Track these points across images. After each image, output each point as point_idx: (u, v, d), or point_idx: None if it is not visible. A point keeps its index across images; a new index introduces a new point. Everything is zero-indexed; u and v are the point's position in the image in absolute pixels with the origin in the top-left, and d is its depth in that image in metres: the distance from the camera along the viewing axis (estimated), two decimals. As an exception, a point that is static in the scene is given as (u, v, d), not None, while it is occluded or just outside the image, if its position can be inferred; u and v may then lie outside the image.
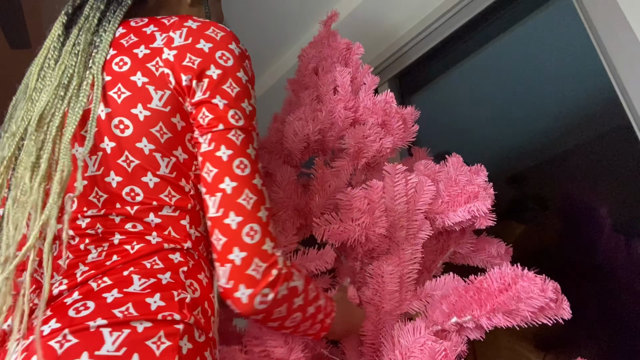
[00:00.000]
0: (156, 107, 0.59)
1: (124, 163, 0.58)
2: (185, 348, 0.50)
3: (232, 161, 0.59)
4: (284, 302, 0.59)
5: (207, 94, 0.59)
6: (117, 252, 0.56)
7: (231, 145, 0.59)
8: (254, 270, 0.56)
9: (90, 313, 0.48)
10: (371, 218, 0.77)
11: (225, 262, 0.56)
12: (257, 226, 0.57)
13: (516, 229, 1.17)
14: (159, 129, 0.59)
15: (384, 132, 0.91)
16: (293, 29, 1.60)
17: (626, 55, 0.99)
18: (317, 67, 1.08)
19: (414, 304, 0.80)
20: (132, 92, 0.59)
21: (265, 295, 0.56)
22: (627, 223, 1.00)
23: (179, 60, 0.60)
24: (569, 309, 0.67)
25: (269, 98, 1.77)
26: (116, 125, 0.59)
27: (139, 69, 0.60)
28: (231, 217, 0.57)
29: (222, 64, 0.61)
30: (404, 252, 0.81)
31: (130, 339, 0.47)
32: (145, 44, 0.62)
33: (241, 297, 0.56)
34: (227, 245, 0.56)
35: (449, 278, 0.80)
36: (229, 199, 0.57)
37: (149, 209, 0.59)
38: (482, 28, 1.36)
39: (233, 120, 0.60)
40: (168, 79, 0.60)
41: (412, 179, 0.82)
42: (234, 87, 0.61)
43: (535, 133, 1.19)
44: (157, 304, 0.51)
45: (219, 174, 0.58)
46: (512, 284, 0.68)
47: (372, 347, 0.78)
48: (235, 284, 0.56)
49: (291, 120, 0.94)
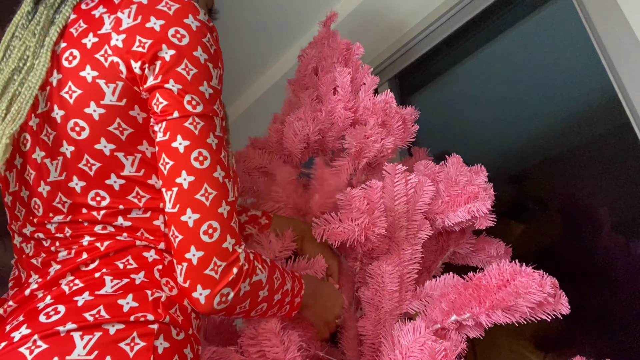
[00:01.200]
0: (110, 103, 0.54)
1: (85, 167, 0.55)
2: (162, 347, 0.49)
3: (189, 153, 0.54)
4: (247, 298, 0.57)
5: (158, 78, 0.54)
6: (86, 250, 0.55)
7: (188, 134, 0.54)
8: (212, 270, 0.53)
9: (60, 317, 0.47)
10: (370, 218, 0.78)
11: (181, 260, 0.53)
12: (216, 223, 0.54)
13: (516, 229, 1.17)
14: (117, 126, 0.55)
15: (385, 133, 0.92)
16: (293, 29, 1.60)
17: (626, 55, 0.99)
18: (317, 67, 1.08)
19: (413, 303, 0.80)
20: (83, 90, 0.54)
21: (226, 295, 0.54)
22: (627, 223, 1.00)
23: (128, 45, 0.54)
24: (567, 304, 0.67)
25: (269, 98, 1.77)
26: (72, 128, 0.54)
27: (87, 62, 0.55)
28: (188, 214, 0.53)
29: (175, 42, 0.54)
30: (404, 252, 0.81)
31: (102, 342, 0.46)
32: (93, 30, 0.56)
33: (199, 297, 0.54)
34: (183, 244, 0.53)
35: (448, 278, 0.80)
36: (186, 194, 0.53)
37: (117, 212, 0.56)
38: (482, 28, 1.36)
39: (190, 107, 0.54)
40: (118, 68, 0.54)
41: (411, 179, 0.82)
42: (190, 68, 0.54)
43: (535, 133, 1.19)
44: (130, 305, 0.50)
45: (175, 167, 0.54)
46: (510, 280, 0.69)
47: (372, 347, 0.78)
48: (192, 284, 0.53)
49: (291, 121, 0.94)
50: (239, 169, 0.99)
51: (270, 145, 1.00)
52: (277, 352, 0.66)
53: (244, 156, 1.00)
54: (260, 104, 1.82)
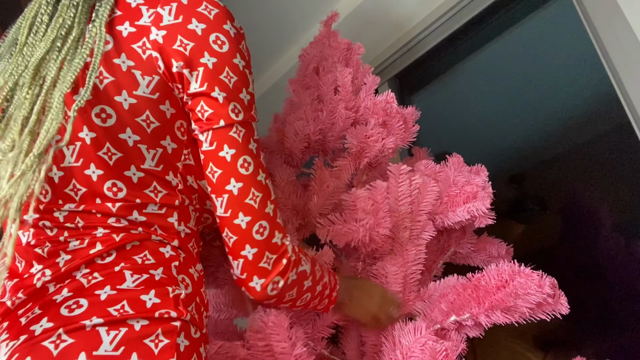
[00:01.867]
0: (143, 95, 0.54)
1: (104, 155, 0.54)
2: (183, 345, 0.49)
3: (235, 161, 0.58)
4: (294, 286, 0.62)
5: (204, 86, 0.55)
6: (100, 241, 0.53)
7: (233, 143, 0.57)
8: (265, 262, 0.59)
9: (84, 311, 0.47)
10: (375, 219, 0.78)
11: (238, 257, 0.59)
12: (266, 223, 0.59)
13: (516, 229, 1.17)
14: (146, 118, 0.55)
15: (386, 132, 0.92)
16: (293, 28, 1.60)
17: (626, 55, 0.99)
18: (318, 67, 1.08)
19: (417, 304, 0.80)
20: (115, 77, 0.53)
21: (277, 282, 0.60)
22: (627, 223, 1.00)
23: (169, 43, 0.54)
24: (566, 304, 0.67)
25: (270, 98, 1.77)
26: (97, 114, 0.53)
27: (123, 50, 0.54)
28: (240, 217, 0.58)
29: (217, 50, 0.56)
30: (407, 252, 0.81)
31: (128, 338, 0.46)
32: (129, 19, 0.55)
33: (255, 286, 0.59)
34: (238, 243, 0.58)
35: (452, 279, 0.80)
36: (236, 200, 0.58)
37: (132, 206, 0.55)
38: (482, 28, 1.36)
39: (233, 115, 0.57)
40: (157, 63, 0.54)
41: (416, 179, 0.82)
42: (232, 76, 0.57)
43: (535, 133, 1.19)
44: (153, 301, 0.50)
45: (224, 175, 0.57)
46: (509, 281, 0.69)
47: (375, 347, 0.78)
48: (249, 275, 0.59)
49: (292, 120, 0.94)
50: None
51: (271, 145, 1.00)
52: (285, 347, 0.66)
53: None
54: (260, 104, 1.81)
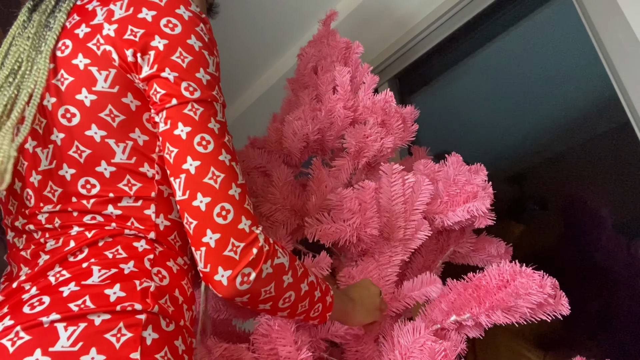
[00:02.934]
0: (102, 90, 0.55)
1: (75, 154, 0.55)
2: (150, 338, 0.48)
3: (192, 139, 0.54)
4: (271, 281, 0.56)
5: (154, 68, 0.54)
6: (74, 239, 0.54)
7: (188, 121, 0.54)
8: (231, 250, 0.53)
9: (44, 308, 0.46)
10: (363, 218, 0.77)
11: (199, 245, 0.53)
12: (229, 205, 0.54)
13: (516, 229, 1.17)
14: (109, 113, 0.55)
15: (384, 132, 0.91)
16: (293, 28, 1.60)
17: (626, 55, 0.99)
18: (317, 66, 1.08)
19: (393, 305, 0.79)
20: (74, 77, 0.55)
21: (247, 274, 0.53)
22: (627, 223, 1.00)
23: (120, 34, 0.55)
24: (567, 305, 0.67)
25: (269, 98, 1.77)
26: (63, 115, 0.55)
27: (80, 51, 0.56)
28: (199, 198, 0.53)
29: (168, 32, 0.55)
30: (382, 255, 0.80)
31: (87, 333, 0.45)
32: (86, 21, 0.57)
33: (221, 279, 0.53)
34: (198, 228, 0.53)
35: (425, 277, 0.79)
36: (194, 179, 0.53)
37: (107, 201, 0.55)
38: (482, 28, 1.36)
39: (187, 93, 0.54)
40: (111, 56, 0.55)
41: (409, 178, 0.82)
42: (185, 56, 0.55)
43: (535, 133, 1.19)
44: (117, 295, 0.49)
45: (180, 154, 0.54)
46: (510, 281, 0.68)
47: (357, 354, 0.77)
48: (213, 266, 0.53)
49: (290, 120, 0.94)
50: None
51: (269, 145, 1.00)
52: (290, 352, 0.65)
53: (243, 156, 1.00)
54: (260, 104, 1.81)
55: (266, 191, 0.92)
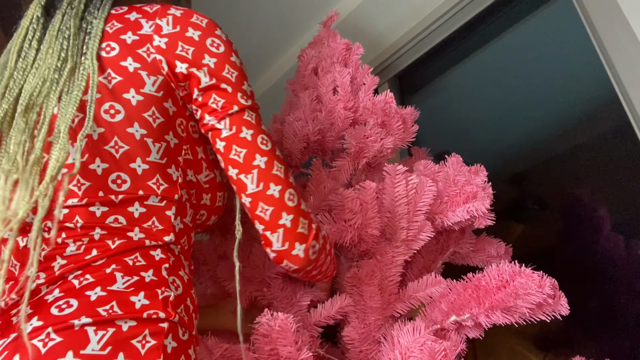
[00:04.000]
0: (149, 92, 0.60)
1: (111, 149, 0.57)
2: (170, 347, 0.50)
3: (255, 139, 0.62)
4: (323, 250, 0.67)
5: (213, 80, 0.61)
6: (96, 247, 0.55)
7: (249, 125, 0.63)
8: (302, 227, 0.63)
9: (73, 311, 0.47)
10: (364, 219, 0.77)
11: (276, 227, 0.61)
12: (293, 190, 0.63)
13: (516, 229, 1.17)
14: (152, 114, 0.60)
15: (384, 133, 0.91)
16: (293, 29, 1.60)
17: (626, 55, 0.99)
18: (317, 67, 1.08)
19: (397, 306, 0.79)
20: (123, 77, 0.59)
21: (314, 246, 0.64)
22: (627, 223, 1.00)
23: (172, 49, 0.61)
24: (566, 305, 0.67)
25: (269, 98, 1.77)
26: (106, 111, 0.58)
27: (129, 55, 0.60)
28: (272, 187, 0.61)
29: (214, 51, 0.63)
30: (384, 255, 0.81)
31: (115, 338, 0.47)
32: (132, 30, 0.62)
33: (299, 253, 0.62)
34: (275, 213, 0.61)
35: (430, 278, 0.80)
36: (265, 172, 0.62)
37: (135, 198, 0.58)
38: (481, 28, 1.36)
39: (243, 101, 0.63)
40: (161, 65, 0.61)
41: (412, 179, 0.82)
42: (232, 71, 0.63)
43: (535, 133, 1.19)
44: (142, 303, 0.50)
45: (249, 153, 0.62)
46: (509, 281, 0.69)
47: (361, 354, 0.77)
48: (291, 243, 0.62)
49: (291, 121, 0.94)
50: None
51: (270, 145, 1.00)
52: (291, 352, 0.66)
53: (243, 156, 1.00)
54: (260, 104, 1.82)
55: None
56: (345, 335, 0.78)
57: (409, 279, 0.86)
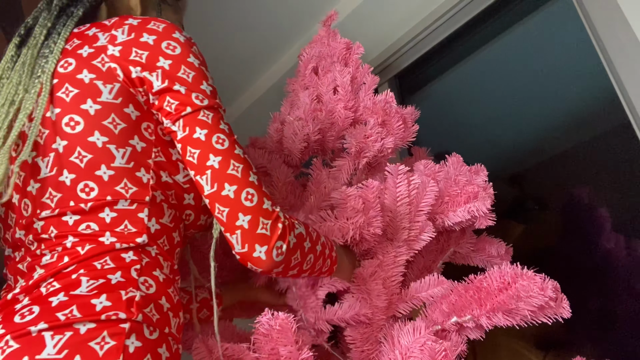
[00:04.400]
0: (107, 100, 0.60)
1: (76, 160, 0.59)
2: (133, 346, 0.50)
3: (210, 139, 0.61)
4: (297, 249, 0.64)
5: (165, 82, 0.61)
6: (68, 254, 0.56)
7: (204, 125, 0.61)
8: (263, 228, 0.60)
9: (33, 317, 0.48)
10: (366, 217, 0.77)
11: (234, 229, 0.60)
12: (252, 190, 0.61)
13: (516, 229, 1.17)
14: (112, 121, 0.60)
15: (385, 132, 0.91)
16: (293, 29, 1.60)
17: (626, 55, 0.99)
18: (317, 67, 1.08)
19: (400, 306, 0.79)
20: (80, 89, 0.60)
21: (280, 247, 0.61)
22: (627, 223, 1.00)
23: (126, 55, 0.62)
24: (568, 308, 0.67)
25: (269, 98, 1.77)
26: (67, 123, 0.59)
27: (84, 67, 0.61)
28: (227, 188, 0.60)
29: (169, 53, 0.63)
30: (386, 255, 0.80)
31: (72, 341, 0.47)
32: (88, 44, 0.64)
33: (260, 255, 0.60)
34: (231, 214, 0.59)
35: (432, 278, 0.80)
36: (219, 172, 0.60)
37: (104, 204, 0.59)
38: (481, 28, 1.36)
39: (198, 101, 0.61)
40: (116, 72, 0.61)
41: (414, 179, 0.82)
42: (189, 72, 0.63)
43: (535, 133, 1.19)
44: (103, 304, 0.51)
45: (202, 154, 0.61)
46: (511, 283, 0.68)
47: (363, 354, 0.77)
48: (250, 245, 0.60)
49: (291, 120, 0.94)
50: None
51: (270, 145, 1.00)
52: (291, 351, 0.66)
53: (243, 156, 1.00)
54: (260, 104, 1.82)
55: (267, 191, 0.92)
56: (347, 335, 0.78)
57: (410, 279, 0.86)
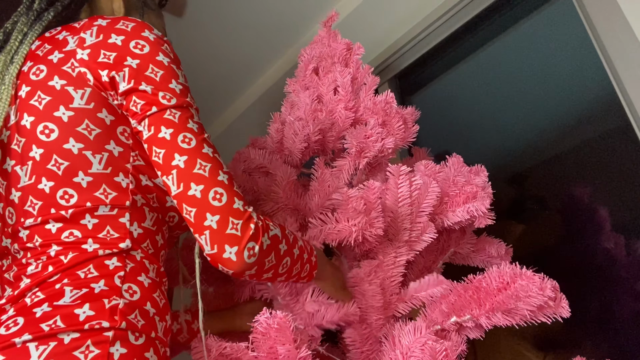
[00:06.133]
0: (79, 106, 0.60)
1: (53, 167, 0.59)
2: (118, 353, 0.50)
3: (175, 138, 0.59)
4: (271, 251, 0.61)
5: (132, 83, 0.59)
6: (52, 263, 0.57)
7: (169, 124, 0.59)
8: (233, 229, 0.57)
9: (18, 329, 0.49)
10: (368, 218, 0.77)
11: (202, 230, 0.57)
12: (221, 189, 0.58)
13: (516, 229, 1.17)
14: (86, 127, 0.60)
15: (385, 133, 0.91)
16: (293, 29, 1.60)
17: (626, 55, 0.99)
18: (318, 67, 1.08)
19: (399, 306, 0.79)
20: (52, 97, 0.60)
21: (252, 248, 0.58)
22: (627, 223, 1.00)
23: (94, 58, 0.60)
24: (567, 308, 0.67)
25: (269, 98, 1.77)
26: (41, 131, 0.59)
27: (55, 73, 0.61)
28: (193, 187, 0.57)
29: (137, 52, 0.61)
30: (387, 255, 0.81)
31: (57, 351, 0.48)
32: (58, 49, 0.63)
33: (230, 256, 0.57)
34: (198, 214, 0.57)
35: (432, 278, 0.80)
36: (185, 172, 0.58)
37: (84, 210, 0.59)
38: (482, 28, 1.36)
39: (164, 101, 0.59)
40: (86, 77, 0.60)
41: (416, 180, 0.82)
42: (157, 71, 0.61)
43: (535, 133, 1.19)
44: (86, 314, 0.51)
45: (168, 153, 0.58)
46: (510, 283, 0.69)
47: (363, 354, 0.77)
48: (220, 246, 0.57)
49: (292, 120, 0.94)
50: (239, 169, 0.99)
51: (270, 145, 1.00)
52: (289, 350, 0.66)
53: (244, 156, 1.00)
54: (260, 104, 1.82)
55: (268, 190, 0.92)
56: (346, 336, 0.78)
57: (410, 279, 0.86)
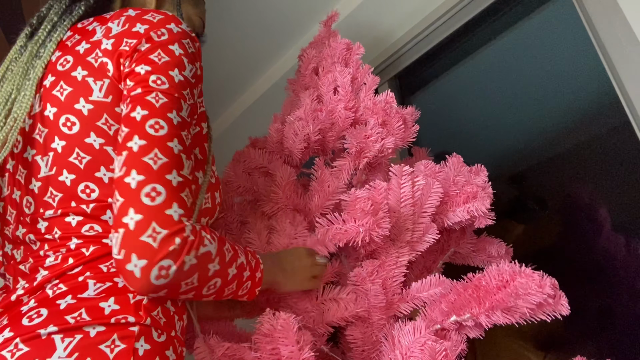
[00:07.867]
0: (97, 99, 0.57)
1: (75, 160, 0.57)
2: (142, 349, 0.50)
3: (145, 121, 0.52)
4: (194, 272, 0.52)
5: (132, 65, 0.56)
6: (72, 255, 0.56)
7: (147, 105, 0.53)
8: (150, 237, 0.47)
9: (42, 321, 0.48)
10: (374, 219, 0.77)
11: (118, 226, 0.49)
12: (162, 188, 0.50)
13: (516, 229, 1.17)
14: (105, 122, 0.57)
15: (385, 132, 0.91)
16: (293, 29, 1.60)
17: (626, 55, 0.99)
18: (318, 67, 1.08)
19: (401, 306, 0.79)
20: (73, 88, 0.58)
21: (166, 268, 0.48)
22: (627, 223, 1.00)
23: (116, 47, 0.58)
24: (567, 305, 0.67)
25: (269, 98, 1.77)
26: (63, 124, 0.57)
27: (79, 64, 0.59)
28: (132, 175, 0.50)
29: (154, 38, 0.58)
30: (388, 255, 0.81)
31: (83, 344, 0.47)
32: (86, 39, 0.61)
33: (133, 270, 0.48)
34: (122, 207, 0.49)
35: (434, 279, 0.80)
36: (134, 156, 0.51)
37: (105, 206, 0.57)
38: (481, 28, 1.36)
39: (154, 84, 0.54)
40: (106, 67, 0.58)
41: (419, 180, 0.82)
42: (162, 56, 0.56)
43: (535, 133, 1.19)
44: (111, 308, 0.51)
45: (130, 133, 0.52)
46: (510, 281, 0.69)
47: (363, 354, 0.77)
48: (127, 253, 0.48)
49: (292, 120, 0.94)
50: (239, 169, 0.99)
51: (270, 145, 1.00)
52: (292, 351, 0.66)
53: (244, 156, 1.00)
54: (260, 104, 1.82)
55: (268, 191, 0.92)
56: (348, 335, 0.78)
57: (411, 279, 0.86)
